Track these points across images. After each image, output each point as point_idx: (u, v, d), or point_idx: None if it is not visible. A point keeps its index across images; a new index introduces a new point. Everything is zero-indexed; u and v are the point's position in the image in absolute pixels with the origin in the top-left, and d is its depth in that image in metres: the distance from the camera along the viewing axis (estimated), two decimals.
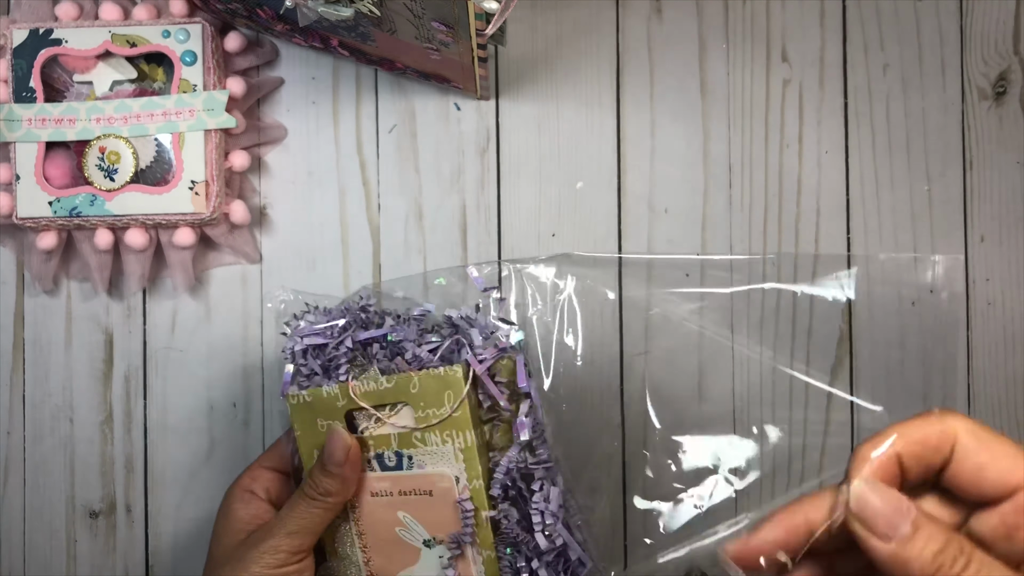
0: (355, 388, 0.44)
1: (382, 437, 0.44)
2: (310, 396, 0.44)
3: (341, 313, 0.47)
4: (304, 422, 0.45)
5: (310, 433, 0.45)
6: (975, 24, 0.54)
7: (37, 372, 0.55)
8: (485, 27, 0.41)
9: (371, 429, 0.44)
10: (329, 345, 0.46)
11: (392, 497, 0.44)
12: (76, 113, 0.50)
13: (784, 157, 0.54)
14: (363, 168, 0.54)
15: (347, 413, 0.45)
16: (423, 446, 0.43)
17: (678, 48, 0.54)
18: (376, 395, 0.44)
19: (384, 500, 0.44)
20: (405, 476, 0.44)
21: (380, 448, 0.44)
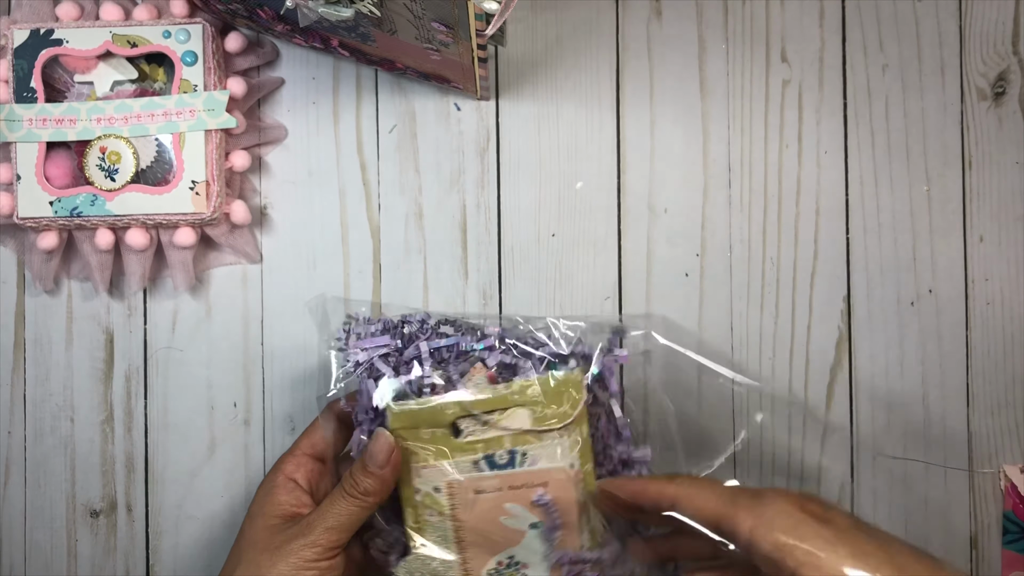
0: (470, 400, 0.44)
1: (493, 440, 0.44)
2: (419, 405, 0.44)
3: (394, 324, 0.47)
4: (406, 431, 0.44)
5: (419, 437, 0.45)
6: (974, 24, 0.54)
7: (38, 371, 0.55)
8: (485, 27, 0.41)
9: (478, 433, 0.44)
10: (393, 351, 0.46)
11: (501, 492, 0.45)
12: (77, 113, 0.50)
13: (784, 157, 0.54)
14: (363, 168, 0.54)
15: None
16: (538, 443, 0.44)
17: (678, 48, 0.54)
18: (490, 402, 0.44)
19: (491, 496, 0.45)
20: (518, 473, 0.44)
21: (491, 450, 0.44)
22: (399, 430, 0.44)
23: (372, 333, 0.46)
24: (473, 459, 0.44)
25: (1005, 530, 0.53)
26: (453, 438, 0.44)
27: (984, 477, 0.54)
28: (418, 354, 0.45)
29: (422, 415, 0.44)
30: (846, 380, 0.54)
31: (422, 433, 0.44)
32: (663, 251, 0.54)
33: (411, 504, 0.45)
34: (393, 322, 0.47)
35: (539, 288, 0.54)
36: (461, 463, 0.44)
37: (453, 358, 0.46)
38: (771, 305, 0.54)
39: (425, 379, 0.45)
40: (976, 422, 0.53)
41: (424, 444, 0.44)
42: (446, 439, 0.44)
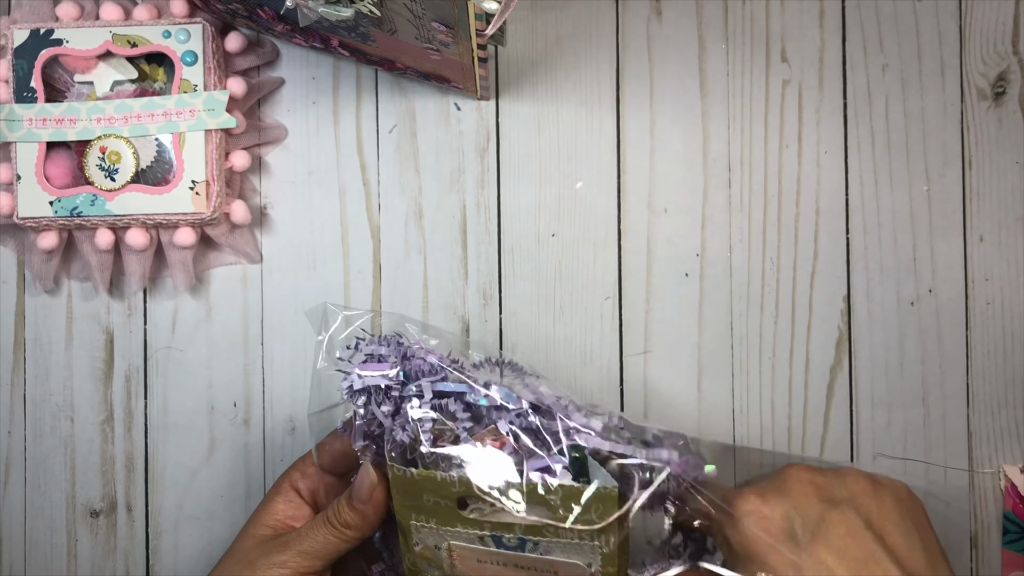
0: (480, 487, 0.39)
1: (503, 524, 0.39)
2: (419, 476, 0.39)
3: (400, 348, 0.42)
4: (406, 493, 0.40)
5: (411, 503, 0.41)
6: (974, 24, 0.54)
7: (38, 371, 0.55)
8: (485, 27, 0.41)
9: (487, 513, 0.40)
10: (395, 384, 0.41)
11: (505, 567, 0.41)
12: (77, 113, 0.50)
13: (783, 157, 0.54)
14: (363, 168, 0.54)
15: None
16: (554, 538, 0.39)
17: (678, 48, 0.54)
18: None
19: (494, 568, 0.41)
20: (527, 556, 0.40)
21: (498, 531, 0.40)
22: (397, 491, 0.40)
23: (378, 358, 0.42)
24: (478, 534, 0.40)
25: (1005, 530, 0.53)
26: (458, 511, 0.40)
27: (984, 477, 0.54)
28: (420, 393, 0.40)
29: (423, 484, 0.40)
30: (846, 380, 0.54)
31: (423, 499, 0.40)
32: (663, 251, 0.54)
33: (408, 551, 0.43)
34: (404, 347, 0.42)
35: (539, 288, 0.54)
36: (464, 534, 0.41)
37: (462, 412, 0.41)
38: (771, 305, 0.54)
39: (424, 436, 0.40)
40: (976, 422, 0.53)
41: (424, 508, 0.40)
42: (450, 511, 0.40)
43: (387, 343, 0.42)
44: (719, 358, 0.54)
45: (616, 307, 0.54)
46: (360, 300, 0.54)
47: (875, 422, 0.53)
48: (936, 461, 0.53)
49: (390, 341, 0.42)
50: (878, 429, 0.53)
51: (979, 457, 0.54)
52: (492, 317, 0.54)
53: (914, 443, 0.53)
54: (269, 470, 0.54)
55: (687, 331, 0.54)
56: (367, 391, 0.41)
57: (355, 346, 0.42)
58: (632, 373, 0.53)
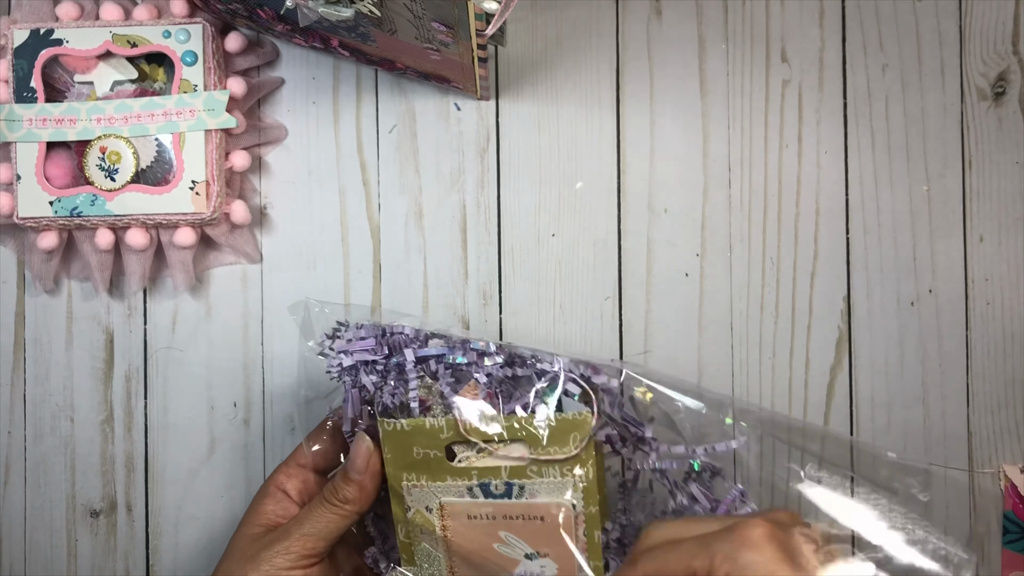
0: (466, 424, 0.41)
1: (490, 469, 0.41)
2: (409, 426, 0.41)
3: (379, 330, 0.44)
4: (397, 448, 0.42)
5: (403, 460, 0.42)
6: (974, 24, 0.54)
7: (38, 371, 0.55)
8: (485, 27, 0.41)
9: (474, 459, 0.42)
10: (381, 359, 0.43)
11: (494, 521, 0.43)
12: (77, 113, 0.50)
13: (783, 157, 0.54)
14: (363, 168, 0.54)
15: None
16: (538, 478, 0.42)
17: (678, 48, 0.54)
18: (485, 433, 0.41)
19: (483, 523, 0.43)
20: (513, 504, 0.42)
21: (486, 478, 0.42)
22: (389, 448, 0.42)
23: (361, 339, 0.44)
24: (467, 485, 0.42)
25: (1005, 530, 0.53)
26: (447, 461, 0.42)
27: (984, 477, 0.54)
28: (404, 361, 0.43)
29: (413, 435, 0.42)
30: (846, 380, 0.54)
31: (414, 452, 0.42)
32: (663, 251, 0.54)
33: (401, 520, 0.44)
34: (382, 328, 0.44)
35: (539, 288, 0.54)
36: (454, 487, 0.42)
37: (443, 371, 0.43)
38: (771, 305, 0.54)
39: (411, 392, 0.42)
40: (976, 422, 0.53)
41: (415, 464, 0.42)
42: (439, 462, 0.42)
43: (363, 326, 0.45)
44: (719, 358, 0.54)
45: (616, 307, 0.54)
46: (360, 300, 0.54)
47: (875, 422, 0.53)
48: (936, 461, 0.53)
49: (370, 325, 0.45)
50: (878, 429, 0.54)
51: (979, 457, 0.54)
52: (492, 317, 0.54)
53: (914, 443, 0.53)
54: (269, 470, 0.54)
55: (687, 331, 0.54)
56: (355, 368, 0.43)
57: (334, 334, 0.45)
58: None
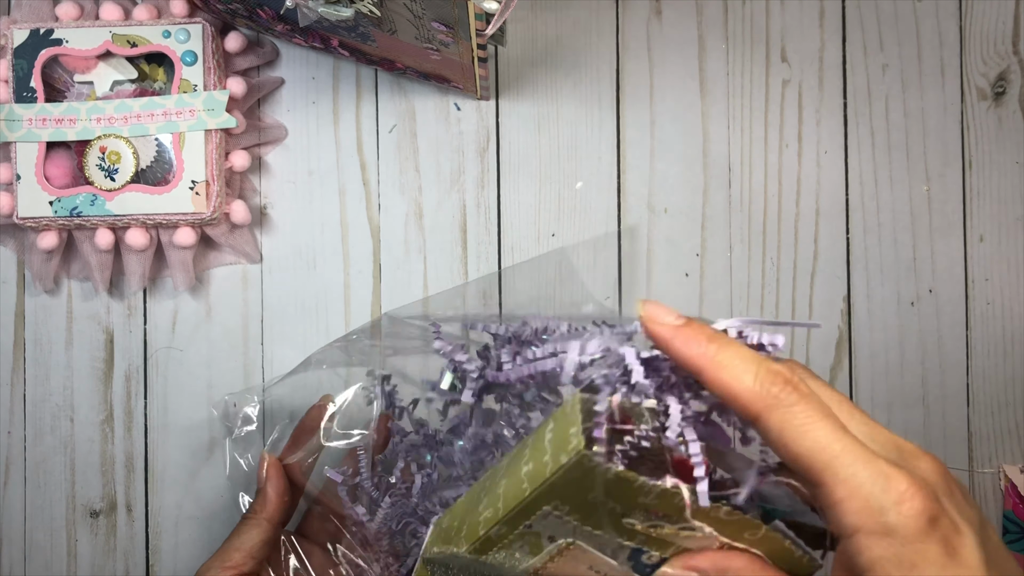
0: (697, 511, 0.30)
1: (660, 541, 0.33)
2: (614, 475, 0.30)
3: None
4: (577, 482, 0.32)
5: (569, 492, 0.33)
6: (974, 24, 0.54)
7: (38, 371, 0.55)
8: (485, 27, 0.41)
9: (648, 528, 0.33)
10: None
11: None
12: (77, 113, 0.50)
13: (783, 157, 0.54)
14: (363, 168, 0.54)
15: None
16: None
17: (678, 48, 0.54)
18: (712, 520, 0.31)
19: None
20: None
21: (647, 547, 0.33)
22: (570, 475, 0.32)
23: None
24: (623, 544, 0.33)
25: (1005, 530, 0.53)
26: (619, 517, 0.33)
27: (984, 477, 0.54)
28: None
29: (607, 483, 0.31)
30: (846, 380, 0.54)
31: (591, 495, 0.32)
32: (663, 251, 0.54)
33: (498, 523, 0.36)
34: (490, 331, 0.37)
35: (539, 288, 0.54)
36: (603, 540, 0.34)
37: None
38: (771, 305, 0.54)
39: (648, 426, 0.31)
40: (976, 422, 0.53)
41: (579, 503, 0.33)
42: (610, 514, 0.33)
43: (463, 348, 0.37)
44: None
45: (616, 307, 0.54)
46: (360, 300, 0.54)
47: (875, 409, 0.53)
48: None
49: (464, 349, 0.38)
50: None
51: (979, 457, 0.54)
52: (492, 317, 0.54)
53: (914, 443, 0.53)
54: None
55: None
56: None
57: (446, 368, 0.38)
58: None
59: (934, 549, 0.26)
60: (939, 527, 0.26)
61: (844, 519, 0.27)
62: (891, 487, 0.26)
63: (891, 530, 0.26)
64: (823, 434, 0.27)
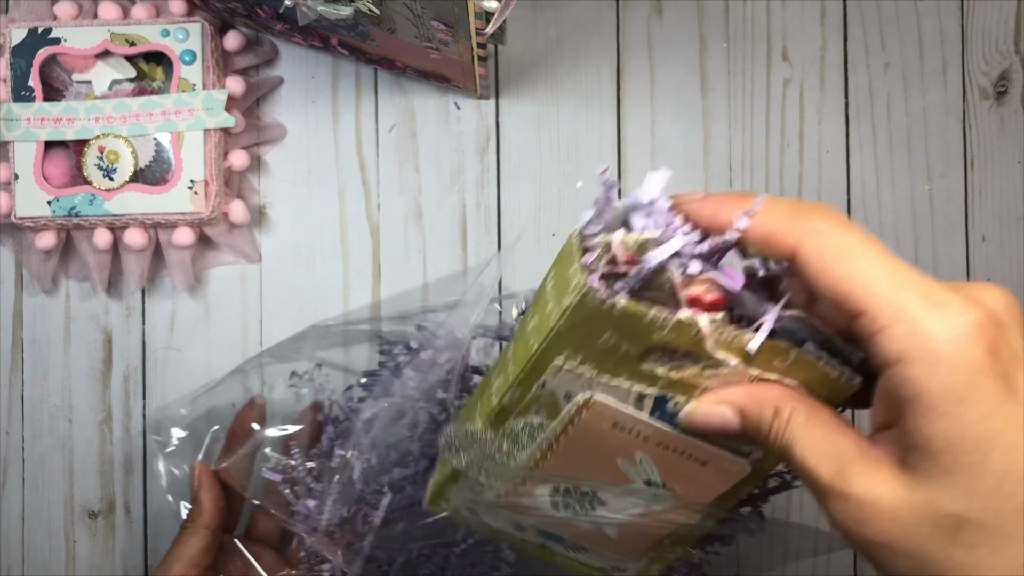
0: (712, 332, 0.29)
1: (683, 384, 0.31)
2: (625, 311, 0.29)
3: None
4: (586, 324, 0.30)
5: (579, 338, 0.31)
6: (976, 23, 0.54)
7: (36, 372, 0.54)
8: (485, 26, 0.41)
9: (669, 371, 0.31)
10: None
11: (641, 441, 0.34)
12: (75, 112, 0.50)
13: (785, 156, 0.54)
14: (363, 167, 0.54)
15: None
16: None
17: (678, 47, 0.54)
18: (736, 349, 0.30)
19: (626, 437, 0.34)
20: (680, 437, 0.33)
21: (672, 392, 0.32)
22: (576, 317, 0.30)
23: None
24: (642, 392, 0.32)
25: None
26: (638, 360, 0.31)
27: None
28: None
29: (619, 320, 0.30)
30: None
31: (603, 337, 0.31)
32: None
33: (516, 386, 0.34)
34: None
35: None
36: (623, 390, 0.32)
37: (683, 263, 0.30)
38: None
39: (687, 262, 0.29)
40: None
41: (592, 350, 0.31)
42: (627, 359, 0.31)
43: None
44: None
45: None
46: (360, 300, 0.54)
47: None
48: None
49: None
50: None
51: None
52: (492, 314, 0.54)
53: None
54: None
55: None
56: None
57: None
58: None
59: (989, 383, 0.23)
60: (999, 359, 0.23)
61: (887, 346, 0.24)
62: (943, 312, 0.23)
63: (940, 358, 0.23)
64: (866, 258, 0.25)
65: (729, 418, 0.29)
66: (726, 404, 0.29)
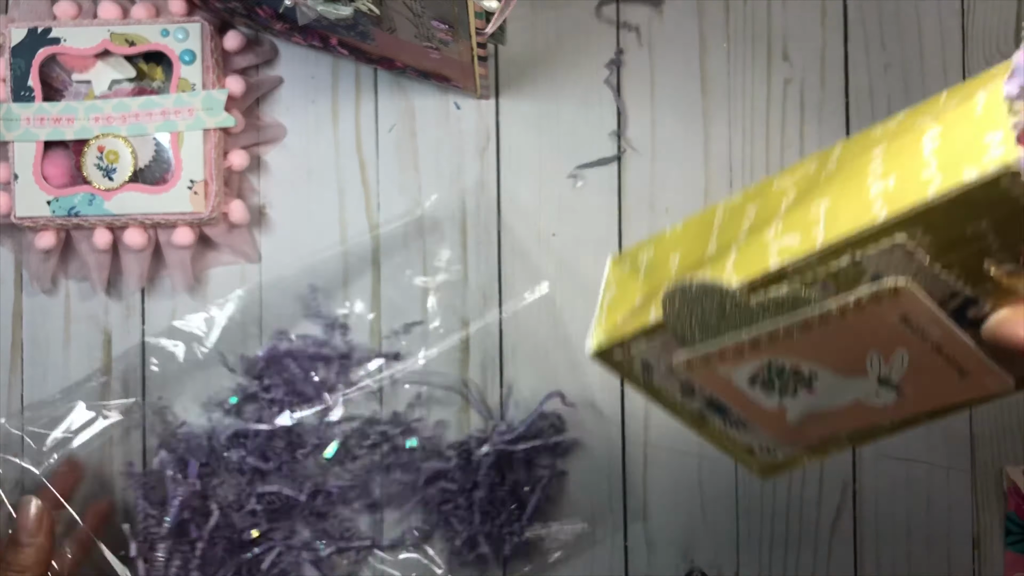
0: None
1: (1005, 292, 0.29)
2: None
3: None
4: (967, 210, 0.26)
5: (949, 225, 0.27)
6: (977, 23, 0.54)
7: (35, 372, 0.54)
8: (485, 26, 0.41)
9: (1005, 276, 0.28)
10: None
11: (920, 341, 0.30)
12: (74, 112, 0.50)
13: (785, 156, 0.54)
14: (362, 167, 0.54)
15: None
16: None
17: (678, 47, 0.54)
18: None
19: (906, 334, 0.30)
20: (966, 346, 0.30)
21: (986, 298, 0.29)
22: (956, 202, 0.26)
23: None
24: (956, 290, 0.29)
25: (1008, 531, 0.53)
26: (983, 254, 0.28)
27: (987, 479, 0.53)
28: None
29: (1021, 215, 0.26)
30: None
31: (971, 225, 0.27)
32: None
33: (832, 257, 0.29)
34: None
35: (539, 288, 0.54)
36: (941, 283, 0.29)
37: None
38: None
39: None
40: (979, 423, 0.53)
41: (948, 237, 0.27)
42: (977, 254, 0.28)
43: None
44: None
45: None
46: (359, 299, 0.54)
47: None
48: (939, 462, 0.53)
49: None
50: None
51: (981, 458, 0.53)
52: (492, 317, 0.54)
53: (917, 444, 0.53)
54: None
55: None
56: None
57: None
58: None
59: None
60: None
61: None
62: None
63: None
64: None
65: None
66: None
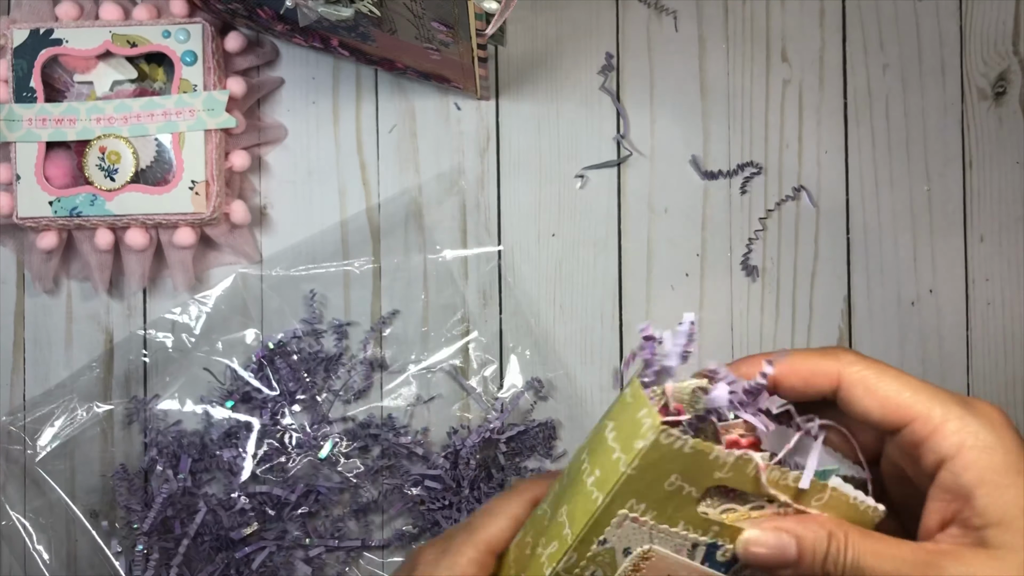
0: (765, 468, 0.31)
1: (733, 530, 0.33)
2: (692, 448, 0.31)
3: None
4: (651, 470, 0.31)
5: (645, 485, 0.32)
6: (975, 24, 0.54)
7: (37, 372, 0.55)
8: (485, 27, 0.41)
9: (722, 514, 0.33)
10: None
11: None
12: (76, 113, 0.50)
13: (784, 157, 0.54)
14: (363, 168, 0.54)
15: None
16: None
17: (678, 48, 0.54)
18: (782, 487, 0.32)
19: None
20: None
21: (721, 539, 0.33)
22: (644, 465, 0.31)
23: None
24: (696, 541, 0.33)
25: None
26: (696, 505, 0.32)
27: None
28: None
29: (686, 460, 0.31)
30: None
31: (668, 480, 0.32)
32: (663, 251, 0.54)
33: (574, 549, 0.33)
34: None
35: (539, 288, 0.54)
36: (679, 539, 0.33)
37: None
38: (771, 305, 0.54)
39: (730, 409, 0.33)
40: None
41: (656, 496, 0.32)
42: (687, 503, 0.32)
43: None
44: (719, 359, 0.54)
45: (616, 307, 0.54)
46: (360, 300, 0.54)
47: None
48: None
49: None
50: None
51: None
52: (492, 317, 0.54)
53: None
54: None
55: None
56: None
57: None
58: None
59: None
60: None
61: (944, 443, 0.28)
62: (977, 410, 0.29)
63: (992, 443, 0.28)
64: (900, 378, 0.30)
65: (787, 543, 0.31)
66: (782, 531, 0.31)
